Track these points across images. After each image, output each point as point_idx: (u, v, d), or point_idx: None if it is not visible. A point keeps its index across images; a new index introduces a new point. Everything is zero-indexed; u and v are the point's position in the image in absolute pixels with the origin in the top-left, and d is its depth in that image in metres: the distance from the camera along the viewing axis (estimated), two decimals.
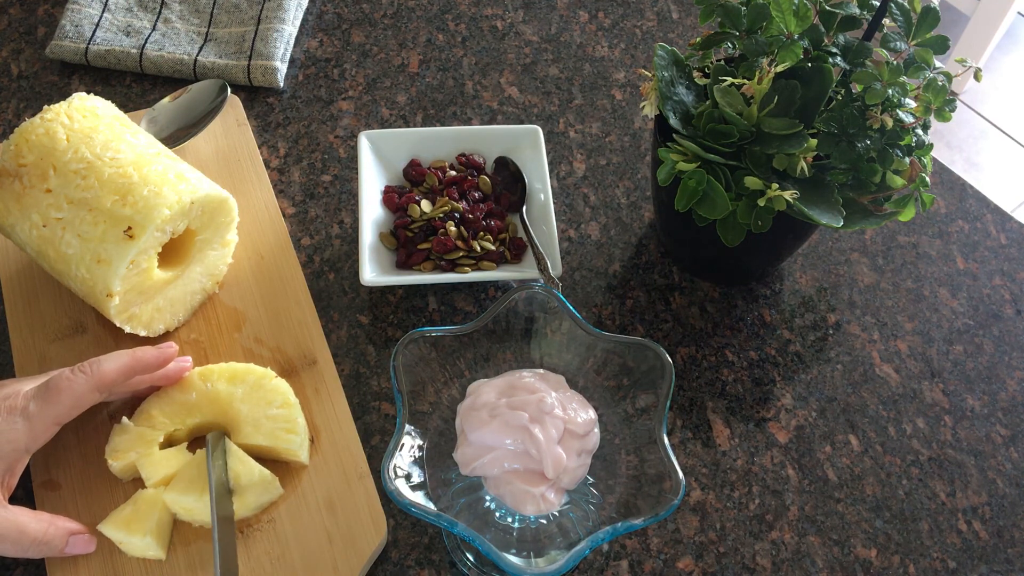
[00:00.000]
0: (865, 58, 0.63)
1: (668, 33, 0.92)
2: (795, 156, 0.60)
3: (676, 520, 0.64)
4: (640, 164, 0.82)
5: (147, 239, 0.60)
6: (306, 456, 0.62)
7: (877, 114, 0.60)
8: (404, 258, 0.71)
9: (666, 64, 0.66)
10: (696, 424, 0.68)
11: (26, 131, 0.61)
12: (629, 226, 0.78)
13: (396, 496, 0.50)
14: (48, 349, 0.65)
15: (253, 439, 0.60)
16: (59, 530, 0.56)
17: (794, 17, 0.61)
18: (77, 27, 0.84)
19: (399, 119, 0.83)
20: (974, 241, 0.80)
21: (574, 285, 0.74)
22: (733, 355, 0.71)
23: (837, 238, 0.79)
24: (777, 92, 0.61)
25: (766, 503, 0.65)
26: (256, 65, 0.83)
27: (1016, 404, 0.71)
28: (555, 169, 0.81)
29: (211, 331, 0.68)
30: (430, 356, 0.58)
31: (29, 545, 0.55)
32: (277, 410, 0.61)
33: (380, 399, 0.67)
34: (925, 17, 0.62)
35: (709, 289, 0.75)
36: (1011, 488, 0.67)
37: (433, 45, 0.89)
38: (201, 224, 0.65)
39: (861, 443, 0.68)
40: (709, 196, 0.60)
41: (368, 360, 0.69)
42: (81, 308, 0.67)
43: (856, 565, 0.63)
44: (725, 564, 0.62)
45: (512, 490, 0.54)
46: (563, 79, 0.87)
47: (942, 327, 0.75)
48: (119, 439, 0.60)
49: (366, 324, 0.71)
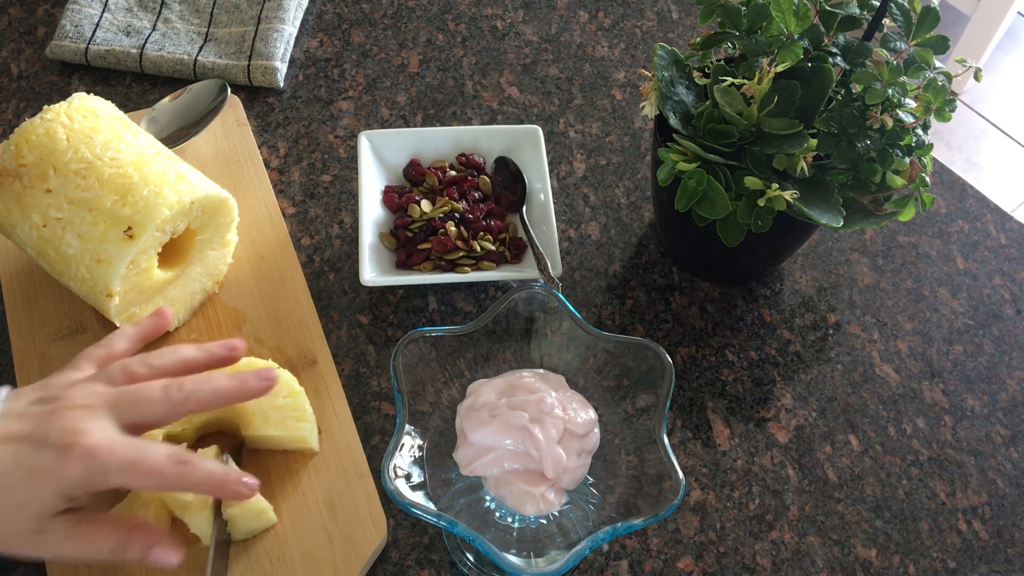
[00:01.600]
0: (865, 58, 0.63)
1: (668, 33, 0.92)
2: (795, 156, 0.60)
3: (676, 520, 0.64)
4: (640, 164, 0.82)
5: (147, 239, 0.60)
6: (316, 443, 0.62)
7: (877, 114, 0.60)
8: (404, 258, 0.71)
9: (666, 64, 0.66)
10: (696, 424, 0.68)
11: (26, 131, 0.61)
12: (629, 226, 0.78)
13: (396, 496, 0.50)
14: (48, 349, 0.65)
15: (264, 430, 0.60)
16: (137, 541, 0.51)
17: (794, 17, 0.61)
18: (77, 27, 0.84)
19: (399, 119, 0.83)
20: (974, 241, 0.80)
21: (574, 285, 0.74)
22: (733, 355, 0.71)
23: (837, 238, 0.79)
24: (777, 92, 0.61)
25: (766, 503, 0.65)
26: (256, 65, 0.83)
27: (1016, 404, 0.71)
28: (555, 169, 0.81)
29: (211, 331, 0.68)
30: (430, 356, 0.58)
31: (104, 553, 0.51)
32: (284, 400, 0.61)
33: (380, 399, 0.67)
34: (925, 17, 0.62)
35: (709, 289, 0.75)
36: (1011, 488, 0.67)
37: (433, 45, 0.89)
38: (201, 224, 0.65)
39: (861, 443, 0.68)
40: (709, 196, 0.60)
41: (368, 360, 0.69)
42: (81, 308, 0.67)
43: (856, 565, 0.63)
44: (725, 564, 0.62)
45: (512, 490, 0.54)
46: (563, 79, 0.87)
47: (942, 327, 0.75)
48: None
49: (366, 324, 0.71)
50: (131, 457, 0.48)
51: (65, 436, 0.48)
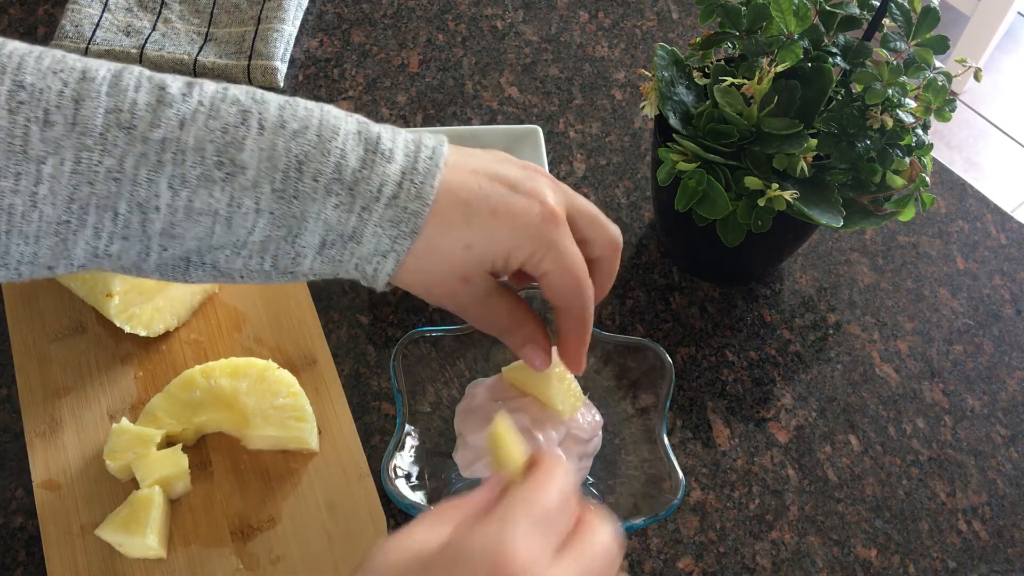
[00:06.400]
0: (865, 58, 0.63)
1: (668, 33, 0.92)
2: (795, 156, 0.60)
3: (676, 520, 0.64)
4: (640, 164, 0.82)
5: None
6: (316, 443, 0.62)
7: (877, 114, 0.60)
8: None
9: (666, 64, 0.66)
10: (696, 424, 0.68)
11: None
12: (629, 226, 0.78)
13: (396, 496, 0.50)
14: (48, 349, 0.65)
15: (264, 430, 0.60)
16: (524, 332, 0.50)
17: (794, 17, 0.61)
18: (77, 27, 0.84)
19: (399, 119, 0.83)
20: (974, 241, 0.80)
21: None
22: (733, 355, 0.71)
23: (837, 238, 0.79)
24: (777, 92, 0.61)
25: (766, 503, 0.65)
26: (256, 65, 0.83)
27: (1016, 404, 0.71)
28: (555, 169, 0.81)
29: (211, 331, 0.68)
30: (430, 356, 0.58)
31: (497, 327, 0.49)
32: (284, 400, 0.61)
33: (380, 399, 0.67)
34: (925, 17, 0.62)
35: (709, 289, 0.75)
36: (1011, 488, 0.67)
37: (433, 45, 0.89)
38: None
39: (861, 443, 0.68)
40: (709, 196, 0.60)
41: (368, 360, 0.69)
42: (81, 308, 0.67)
43: (856, 565, 0.63)
44: (725, 564, 0.62)
45: None
46: (563, 79, 0.87)
47: (942, 327, 0.75)
48: (117, 440, 0.59)
49: (366, 324, 0.71)
50: (574, 254, 0.46)
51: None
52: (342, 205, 0.43)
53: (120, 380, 0.65)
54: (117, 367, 0.65)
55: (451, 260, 0.45)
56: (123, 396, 0.64)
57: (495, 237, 0.45)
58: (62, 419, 0.62)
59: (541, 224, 0.45)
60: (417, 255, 0.45)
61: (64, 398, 0.63)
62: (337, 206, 0.43)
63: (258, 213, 0.43)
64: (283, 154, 0.43)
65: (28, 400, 0.63)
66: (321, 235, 0.44)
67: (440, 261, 0.45)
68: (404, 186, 0.44)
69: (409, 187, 0.44)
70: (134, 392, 0.64)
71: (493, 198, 0.45)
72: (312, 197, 0.43)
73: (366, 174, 0.43)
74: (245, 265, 0.45)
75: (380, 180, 0.43)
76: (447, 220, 0.44)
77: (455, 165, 0.45)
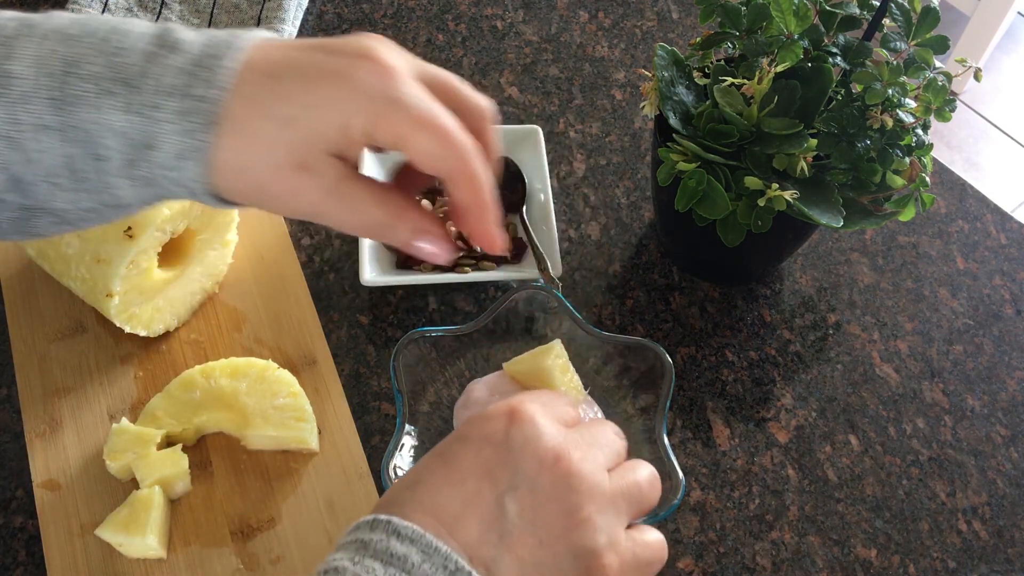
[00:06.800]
0: (865, 58, 0.63)
1: (668, 33, 0.92)
2: (795, 156, 0.60)
3: (676, 520, 0.64)
4: (640, 164, 0.82)
5: (147, 239, 0.60)
6: (316, 443, 0.62)
7: (877, 114, 0.60)
8: (404, 258, 0.71)
9: (666, 64, 0.66)
10: (696, 424, 0.68)
11: None
12: (629, 226, 0.78)
13: None
14: (48, 349, 0.65)
15: (263, 430, 0.61)
16: (404, 222, 0.42)
17: (794, 17, 0.61)
18: None
19: None
20: (974, 241, 0.80)
21: (574, 285, 0.74)
22: (733, 355, 0.71)
23: (837, 238, 0.79)
24: (777, 92, 0.61)
25: (766, 503, 0.65)
26: None
27: (1016, 404, 0.71)
28: (555, 169, 0.81)
29: (211, 331, 0.68)
30: (430, 356, 0.58)
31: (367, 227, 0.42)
32: (284, 400, 0.62)
33: (380, 399, 0.67)
34: (925, 17, 0.62)
35: (709, 289, 0.75)
36: (1011, 488, 0.67)
37: (433, 45, 0.89)
38: (201, 224, 0.65)
39: (861, 443, 0.68)
40: (709, 196, 0.60)
41: (368, 360, 0.69)
42: (81, 308, 0.67)
43: (856, 565, 0.63)
44: (725, 564, 0.62)
45: None
46: (563, 79, 0.87)
47: (942, 327, 0.75)
48: (117, 440, 0.60)
49: (366, 324, 0.71)
50: (428, 102, 0.39)
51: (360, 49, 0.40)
52: (126, 106, 0.38)
53: (120, 380, 0.65)
54: (117, 367, 0.65)
55: (272, 145, 0.38)
56: (123, 396, 0.64)
57: (318, 106, 0.38)
58: (62, 419, 0.62)
59: (373, 80, 0.38)
60: (229, 149, 0.38)
61: (64, 398, 0.63)
62: (118, 108, 0.38)
63: (39, 128, 0.38)
64: (59, 60, 0.38)
65: (28, 400, 0.63)
66: (120, 149, 0.38)
67: (260, 151, 0.38)
68: (197, 74, 0.38)
69: (201, 73, 0.38)
70: (134, 392, 0.64)
71: (306, 64, 0.39)
72: (91, 102, 0.38)
73: (149, 68, 0.38)
74: (72, 203, 0.40)
75: (164, 72, 0.38)
76: (253, 99, 0.38)
77: (264, 45, 0.40)
